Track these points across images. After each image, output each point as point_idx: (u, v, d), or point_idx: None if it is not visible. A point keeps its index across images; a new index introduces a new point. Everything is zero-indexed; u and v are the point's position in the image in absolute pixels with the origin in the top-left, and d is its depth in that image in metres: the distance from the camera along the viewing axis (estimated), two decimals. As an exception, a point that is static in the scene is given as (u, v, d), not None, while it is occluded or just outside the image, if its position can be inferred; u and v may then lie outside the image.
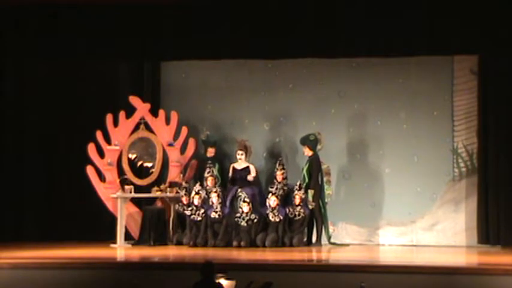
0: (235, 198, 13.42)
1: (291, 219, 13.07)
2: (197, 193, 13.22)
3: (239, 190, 13.26)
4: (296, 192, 13.13)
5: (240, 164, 13.64)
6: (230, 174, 13.66)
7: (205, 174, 13.52)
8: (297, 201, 13.10)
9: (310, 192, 13.19)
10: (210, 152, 13.81)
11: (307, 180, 13.27)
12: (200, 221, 13.13)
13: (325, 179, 13.38)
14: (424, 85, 13.76)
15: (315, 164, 13.31)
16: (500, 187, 13.24)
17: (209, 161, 13.66)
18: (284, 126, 14.20)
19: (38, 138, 14.19)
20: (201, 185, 13.46)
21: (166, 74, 14.50)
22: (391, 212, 13.77)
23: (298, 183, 13.18)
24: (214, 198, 13.11)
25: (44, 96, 14.24)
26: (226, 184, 13.65)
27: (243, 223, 12.94)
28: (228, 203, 13.35)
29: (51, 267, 10.53)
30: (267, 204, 13.06)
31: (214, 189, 13.20)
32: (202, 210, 13.16)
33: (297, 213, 13.08)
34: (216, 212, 13.06)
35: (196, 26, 13.16)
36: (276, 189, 13.17)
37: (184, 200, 13.39)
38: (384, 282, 9.83)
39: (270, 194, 13.06)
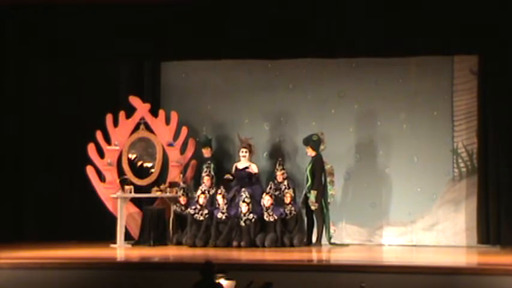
0: (234, 198, 13.39)
1: (284, 219, 13.06)
2: (203, 192, 13.21)
3: (243, 190, 13.23)
4: (286, 190, 13.14)
5: (242, 163, 13.64)
6: (232, 172, 13.65)
7: (202, 174, 13.52)
8: (288, 199, 13.11)
9: (313, 192, 13.17)
10: (205, 152, 13.81)
11: (310, 180, 13.26)
12: (202, 220, 13.13)
13: (328, 179, 13.36)
14: (424, 85, 13.76)
15: (318, 165, 13.28)
16: (500, 187, 13.23)
17: (208, 161, 13.65)
18: (284, 126, 14.20)
19: (38, 138, 14.17)
20: (199, 184, 13.49)
21: (166, 74, 14.50)
22: (391, 212, 13.77)
23: (286, 182, 13.21)
24: (220, 199, 13.09)
25: (44, 96, 14.24)
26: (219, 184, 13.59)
27: (241, 223, 12.93)
28: (229, 202, 13.28)
29: (51, 267, 10.54)
30: (262, 204, 13.05)
31: (219, 191, 13.17)
32: (206, 211, 13.16)
33: (288, 211, 13.08)
34: (223, 213, 13.05)
35: (196, 26, 13.18)
36: (270, 188, 13.14)
37: (182, 200, 13.40)
38: (384, 282, 9.83)
39: (264, 194, 13.05)
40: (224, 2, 13.12)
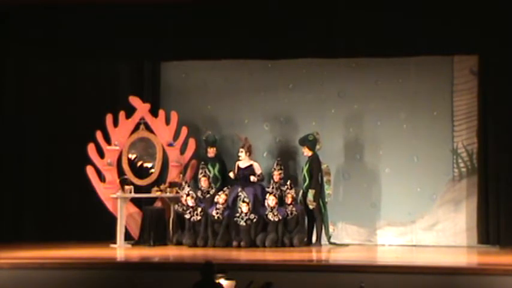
0: (237, 198, 13.38)
1: (285, 218, 13.06)
2: (188, 194, 13.22)
3: (239, 190, 13.24)
4: (287, 191, 13.14)
5: (243, 163, 13.62)
6: (235, 171, 13.58)
7: (199, 175, 13.52)
8: (289, 200, 13.10)
9: (311, 192, 13.18)
10: (210, 152, 13.79)
11: (307, 180, 13.27)
12: (199, 220, 13.13)
13: (325, 178, 13.37)
14: (424, 85, 13.75)
15: (315, 164, 13.30)
16: (500, 187, 13.23)
17: (202, 162, 13.64)
18: (284, 126, 14.20)
19: (38, 138, 14.17)
20: (198, 185, 13.50)
21: (166, 74, 14.50)
22: (391, 212, 13.76)
23: (288, 183, 13.19)
24: (221, 198, 13.09)
25: (44, 96, 14.23)
26: (228, 183, 13.61)
27: (242, 223, 12.94)
28: (230, 204, 13.29)
29: (51, 267, 10.54)
30: (266, 204, 13.05)
31: (224, 191, 13.17)
32: (199, 209, 13.17)
33: (289, 212, 13.08)
34: (217, 213, 13.05)
35: (196, 26, 13.19)
36: (273, 188, 13.15)
37: (184, 200, 13.40)
38: (384, 282, 9.84)
39: (268, 194, 13.06)
40: (224, 2, 13.13)
